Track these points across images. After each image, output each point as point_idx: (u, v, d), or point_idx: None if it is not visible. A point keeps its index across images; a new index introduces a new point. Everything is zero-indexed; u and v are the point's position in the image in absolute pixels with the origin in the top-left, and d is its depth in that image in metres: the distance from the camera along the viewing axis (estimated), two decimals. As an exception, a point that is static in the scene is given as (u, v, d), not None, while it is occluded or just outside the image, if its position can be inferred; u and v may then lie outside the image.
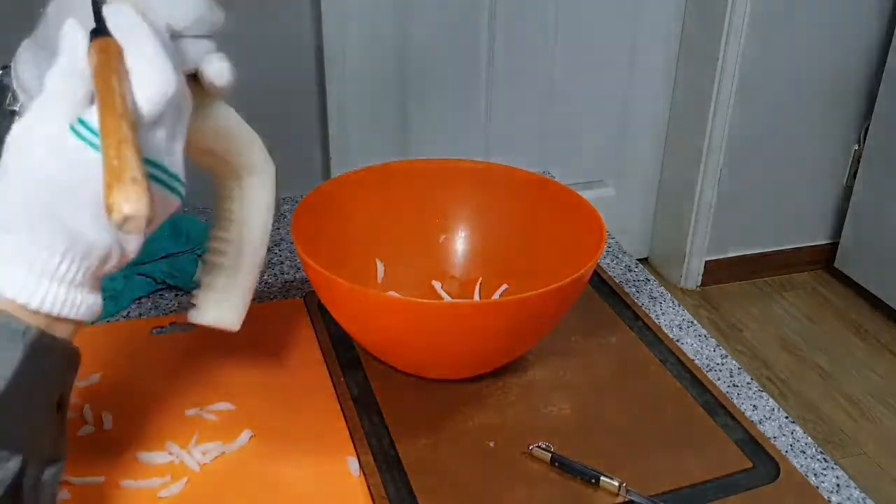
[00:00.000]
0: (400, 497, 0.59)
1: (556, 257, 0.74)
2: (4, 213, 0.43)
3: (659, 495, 0.60)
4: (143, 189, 0.39)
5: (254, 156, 0.61)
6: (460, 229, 0.82)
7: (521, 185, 0.79)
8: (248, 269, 0.61)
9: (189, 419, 0.66)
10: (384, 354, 0.71)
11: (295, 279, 0.87)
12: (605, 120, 2.22)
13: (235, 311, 0.61)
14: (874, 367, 2.10)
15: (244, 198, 0.61)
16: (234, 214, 0.61)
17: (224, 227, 0.61)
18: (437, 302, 0.77)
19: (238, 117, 0.60)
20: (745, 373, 0.76)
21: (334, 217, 0.76)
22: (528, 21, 2.01)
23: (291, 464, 0.62)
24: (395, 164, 0.81)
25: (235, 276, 0.60)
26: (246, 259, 0.61)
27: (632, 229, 2.40)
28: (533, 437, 0.64)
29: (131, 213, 0.38)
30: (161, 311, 0.81)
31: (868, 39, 2.19)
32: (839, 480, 0.64)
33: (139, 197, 0.38)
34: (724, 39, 2.04)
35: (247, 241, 0.61)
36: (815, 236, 2.46)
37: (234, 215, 0.60)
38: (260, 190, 0.61)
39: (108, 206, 0.38)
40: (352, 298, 0.65)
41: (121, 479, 0.60)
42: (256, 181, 0.61)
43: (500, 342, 0.67)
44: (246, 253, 0.61)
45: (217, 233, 0.61)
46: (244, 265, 0.61)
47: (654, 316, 0.83)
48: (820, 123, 2.27)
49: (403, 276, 0.80)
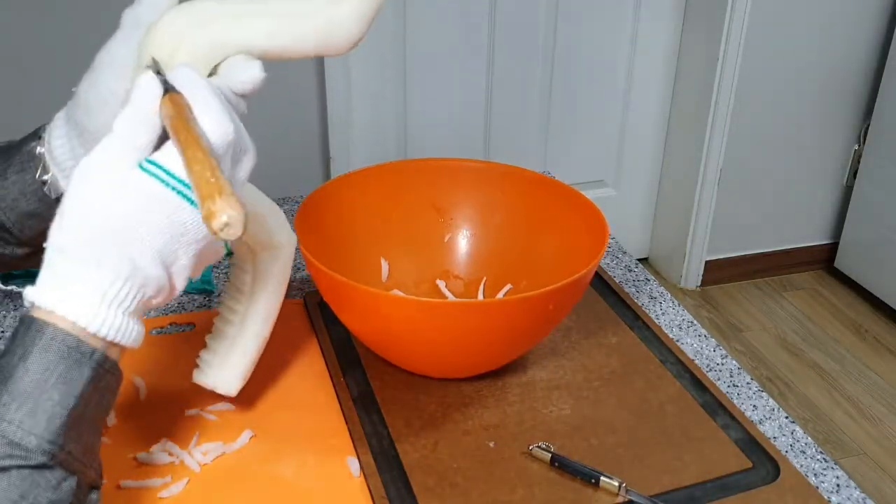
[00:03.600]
0: (400, 497, 0.59)
1: (559, 257, 0.74)
2: (70, 241, 0.45)
3: (659, 495, 0.60)
4: (238, 199, 0.42)
5: (271, 233, 0.62)
6: (465, 229, 0.82)
7: (526, 186, 0.79)
8: (252, 340, 0.64)
9: (189, 419, 0.66)
10: (388, 353, 0.71)
11: (295, 279, 0.87)
12: (605, 120, 2.22)
13: (233, 378, 0.64)
14: (874, 367, 2.10)
15: (257, 272, 0.62)
16: (246, 287, 0.63)
17: (234, 297, 0.63)
18: (441, 301, 0.77)
19: (256, 192, 0.61)
20: (745, 373, 0.76)
21: (338, 216, 0.76)
22: (528, 21, 2.01)
23: (291, 464, 0.62)
24: (400, 163, 0.81)
25: (238, 345, 0.63)
26: (250, 331, 0.63)
27: (632, 229, 2.40)
28: (533, 437, 0.64)
29: (231, 220, 0.41)
30: (161, 311, 0.81)
31: (868, 39, 2.19)
32: (839, 480, 0.64)
33: (238, 204, 0.41)
34: (724, 39, 2.04)
35: (253, 314, 0.63)
36: (815, 236, 2.46)
37: (246, 287, 0.63)
38: (274, 265, 0.62)
39: (210, 215, 0.41)
40: (356, 297, 0.65)
41: (121, 480, 0.60)
42: (271, 257, 0.62)
43: (503, 341, 0.67)
44: (250, 325, 0.63)
45: (227, 301, 0.64)
46: (248, 336, 0.63)
47: (654, 316, 0.83)
48: (820, 123, 2.27)
49: (408, 275, 0.80)
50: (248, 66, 0.51)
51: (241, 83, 0.51)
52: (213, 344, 0.64)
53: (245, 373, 0.64)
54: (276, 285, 0.63)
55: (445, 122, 2.06)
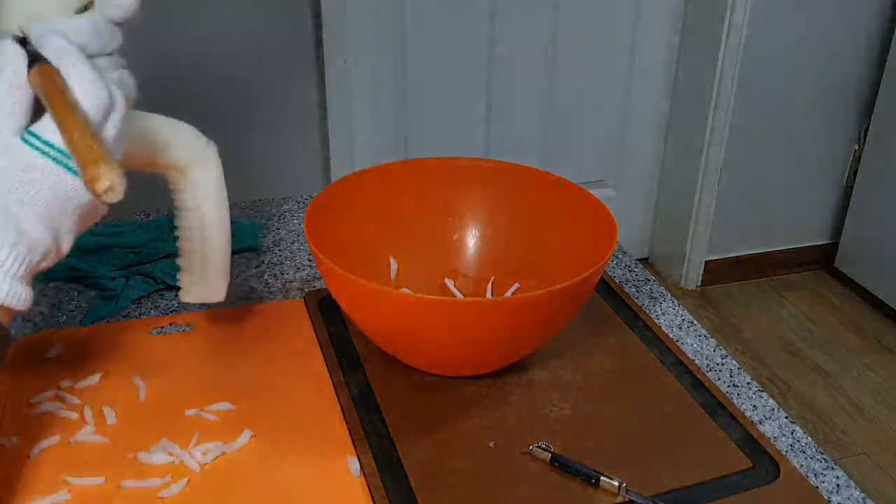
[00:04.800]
0: (400, 497, 0.59)
1: (568, 257, 0.74)
2: None
3: (659, 495, 0.60)
4: (117, 164, 0.45)
5: (188, 150, 0.65)
6: (473, 228, 0.82)
7: (535, 185, 0.80)
8: (216, 245, 0.68)
9: (189, 419, 0.66)
10: (396, 351, 0.71)
11: (295, 279, 0.87)
12: (605, 120, 2.22)
13: (218, 284, 0.69)
14: (874, 367, 2.10)
15: (192, 187, 0.66)
16: (189, 203, 0.66)
17: (184, 217, 0.67)
18: (449, 299, 0.77)
19: (160, 120, 0.63)
20: (745, 373, 0.76)
21: (347, 215, 0.76)
22: (528, 21, 2.01)
23: (291, 464, 0.62)
24: (408, 162, 0.82)
25: (207, 255, 0.68)
26: (211, 238, 0.67)
27: (632, 229, 2.40)
28: (533, 437, 0.64)
29: (114, 184, 0.44)
30: (161, 311, 0.81)
31: (868, 39, 2.19)
32: (839, 480, 0.64)
33: (118, 170, 0.44)
34: (724, 39, 2.04)
35: (207, 224, 0.67)
36: (815, 236, 2.46)
37: (189, 203, 0.66)
38: (204, 175, 0.66)
39: (92, 180, 0.44)
40: (366, 295, 0.65)
41: (121, 480, 0.60)
42: (198, 169, 0.65)
43: (510, 339, 0.67)
44: (209, 234, 0.67)
45: (180, 222, 0.67)
46: (212, 244, 0.67)
47: (654, 316, 0.83)
48: (820, 123, 2.27)
49: (416, 274, 0.80)
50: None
51: (118, 9, 0.52)
52: (185, 264, 0.68)
53: (225, 274, 0.69)
54: (216, 191, 0.66)
55: (445, 122, 2.06)
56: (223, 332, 0.76)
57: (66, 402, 0.67)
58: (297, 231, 0.97)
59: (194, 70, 1.75)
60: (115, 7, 0.53)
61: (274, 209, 1.02)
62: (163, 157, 0.63)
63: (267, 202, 1.03)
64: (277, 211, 1.01)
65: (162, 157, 0.63)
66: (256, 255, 0.91)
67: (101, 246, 0.89)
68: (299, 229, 0.97)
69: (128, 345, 0.74)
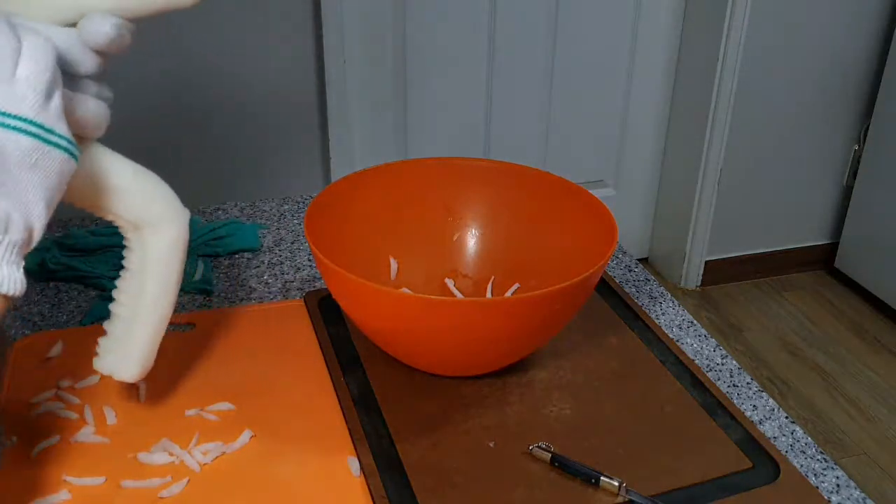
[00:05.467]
0: (400, 497, 0.59)
1: (568, 257, 0.74)
2: None
3: (659, 495, 0.60)
4: None
5: (149, 208, 0.58)
6: (473, 228, 0.82)
7: (535, 185, 0.80)
8: (147, 321, 0.60)
9: (189, 419, 0.66)
10: (396, 351, 0.71)
11: (295, 279, 0.87)
12: (605, 120, 2.22)
13: (131, 363, 0.61)
14: (874, 367, 2.10)
15: (143, 248, 0.59)
16: (133, 265, 0.59)
17: (124, 277, 0.60)
18: (449, 298, 0.77)
19: (136, 170, 0.57)
20: (745, 373, 0.76)
21: (347, 215, 0.76)
22: (528, 21, 2.01)
23: (291, 464, 0.62)
24: (409, 162, 0.82)
25: (132, 328, 0.60)
26: (143, 312, 0.60)
27: (632, 229, 2.40)
28: (533, 437, 0.64)
29: None
30: (161, 312, 0.81)
31: (868, 39, 2.19)
32: (839, 480, 0.64)
33: None
34: (724, 39, 2.04)
35: (145, 294, 0.59)
36: (815, 236, 2.46)
37: (133, 266, 0.59)
38: (158, 241, 0.58)
39: None
40: (366, 295, 0.65)
41: (121, 480, 0.60)
42: (153, 232, 0.58)
43: (510, 339, 0.67)
44: (143, 306, 0.60)
45: (119, 282, 0.60)
46: (142, 318, 0.60)
47: (654, 316, 0.83)
48: (820, 123, 2.27)
49: (417, 274, 0.80)
50: (101, 22, 0.51)
51: (93, 35, 0.51)
52: (110, 327, 0.62)
53: (145, 357, 0.61)
54: (166, 263, 0.59)
55: (445, 122, 2.06)
56: (223, 332, 0.76)
57: (66, 402, 0.67)
58: (297, 231, 0.97)
59: (194, 70, 1.75)
60: (90, 34, 0.51)
61: (274, 209, 1.02)
62: (115, 204, 0.56)
63: (267, 202, 1.03)
64: (277, 211, 1.01)
65: (113, 205, 0.56)
66: (256, 255, 0.91)
67: (101, 246, 0.89)
68: (299, 229, 0.97)
69: (128, 345, 0.74)
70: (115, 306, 0.61)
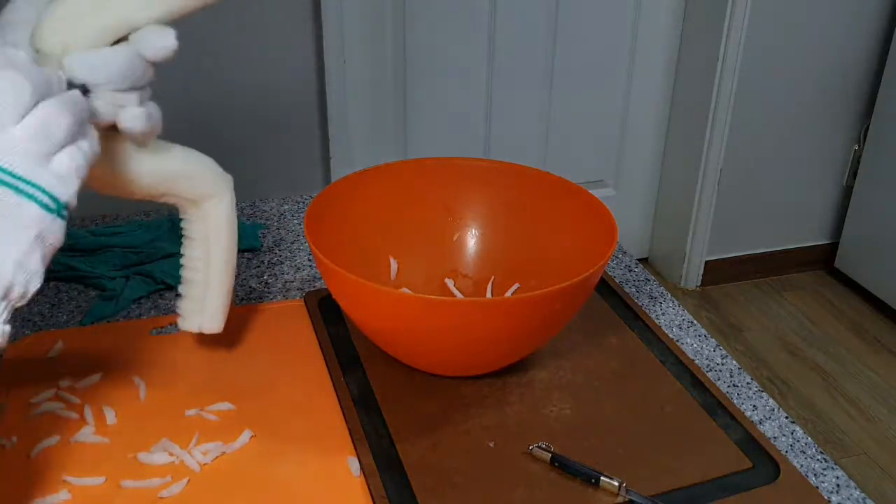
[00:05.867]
0: (400, 497, 0.59)
1: (568, 257, 0.74)
2: None
3: (659, 495, 0.60)
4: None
5: (205, 183, 0.64)
6: (473, 228, 0.82)
7: (535, 185, 0.80)
8: (220, 278, 0.68)
9: (189, 419, 0.66)
10: (396, 351, 0.71)
11: (295, 279, 0.87)
12: (605, 120, 2.22)
13: (216, 316, 0.69)
14: (874, 367, 2.10)
15: (204, 218, 0.66)
16: (198, 234, 0.66)
17: (191, 246, 0.67)
18: (449, 298, 0.77)
19: (183, 152, 0.63)
20: (745, 373, 0.76)
21: (347, 215, 0.76)
22: (528, 21, 2.01)
23: (291, 464, 0.62)
24: (409, 162, 0.82)
25: (210, 287, 0.68)
26: (216, 271, 0.67)
27: (632, 229, 2.40)
28: (533, 437, 0.64)
29: None
30: (161, 311, 0.81)
31: (868, 39, 2.19)
32: (839, 480, 0.64)
33: None
34: (724, 39, 2.04)
35: (214, 257, 0.67)
36: (815, 236, 2.46)
37: (198, 234, 0.66)
38: (217, 209, 0.66)
39: None
40: (366, 295, 0.65)
41: (121, 480, 0.60)
42: (212, 203, 0.65)
43: (510, 339, 0.67)
44: (214, 266, 0.67)
45: (186, 251, 0.67)
46: (216, 276, 0.68)
47: (654, 316, 0.83)
48: (820, 123, 2.27)
49: (417, 273, 0.80)
50: (162, 36, 0.53)
51: (155, 50, 0.53)
52: (188, 292, 0.68)
53: (225, 307, 0.69)
54: (227, 226, 0.66)
55: (445, 122, 2.06)
56: (223, 332, 0.76)
57: (66, 402, 0.67)
58: (297, 231, 0.97)
59: (194, 70, 1.75)
60: (150, 48, 0.53)
61: (274, 209, 1.02)
62: (177, 188, 0.63)
63: (267, 202, 1.03)
64: (277, 211, 1.01)
65: (176, 189, 0.63)
66: (256, 255, 0.91)
67: (101, 246, 0.89)
68: (299, 229, 0.97)
69: (128, 345, 0.74)
70: (188, 272, 0.68)
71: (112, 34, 0.53)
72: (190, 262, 0.68)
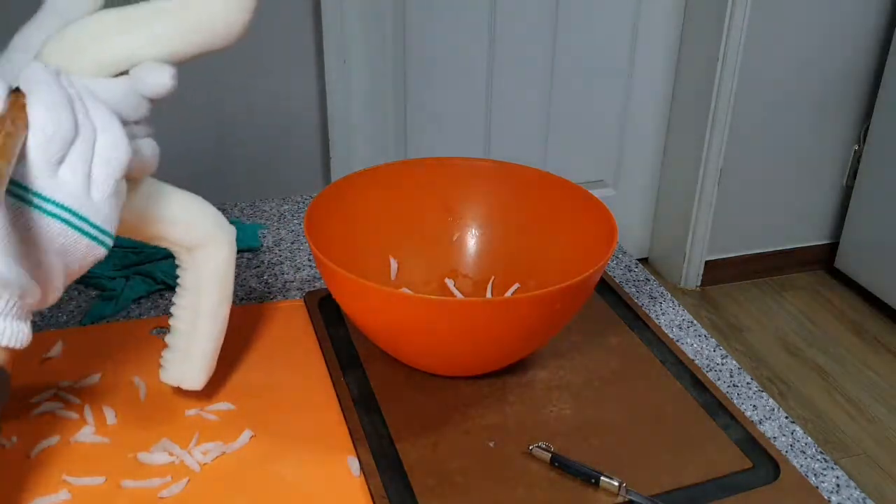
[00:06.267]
0: (400, 497, 0.59)
1: (568, 257, 0.74)
2: None
3: (659, 495, 0.60)
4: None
5: (201, 232, 0.61)
6: (473, 228, 0.82)
7: (535, 185, 0.80)
8: (207, 332, 0.65)
9: (189, 419, 0.66)
10: (396, 351, 0.71)
11: (295, 279, 0.87)
12: (605, 120, 2.22)
13: (196, 372, 0.65)
14: (874, 367, 2.10)
15: (197, 268, 0.63)
16: (189, 283, 0.63)
17: (182, 295, 0.64)
18: (449, 298, 0.77)
19: (184, 198, 0.60)
20: (745, 373, 0.76)
21: (347, 215, 0.76)
22: (528, 21, 2.01)
23: (291, 464, 0.62)
24: (409, 162, 0.82)
25: (194, 340, 0.65)
26: (203, 324, 0.64)
27: (632, 229, 2.40)
28: (533, 437, 0.64)
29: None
30: (161, 311, 0.81)
31: (868, 40, 2.19)
32: (839, 480, 0.64)
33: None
34: (724, 39, 2.04)
35: (202, 309, 0.64)
36: (815, 236, 2.46)
37: (189, 283, 0.63)
38: (212, 260, 0.62)
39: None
40: (366, 295, 0.65)
41: (121, 480, 0.60)
42: (206, 254, 0.62)
43: (510, 339, 0.67)
44: (201, 321, 0.64)
45: (177, 299, 0.64)
46: (203, 330, 0.64)
47: (654, 316, 0.83)
48: (820, 123, 2.27)
49: (417, 273, 0.80)
50: (159, 73, 0.52)
51: (151, 87, 0.52)
52: (172, 342, 0.66)
53: (207, 366, 0.66)
54: (221, 279, 0.63)
55: (445, 122, 2.06)
56: (223, 332, 0.76)
57: (66, 402, 0.67)
58: (297, 231, 0.97)
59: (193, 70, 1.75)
60: (147, 85, 0.52)
61: (274, 209, 1.02)
62: (170, 233, 0.60)
63: (267, 202, 1.03)
64: (277, 211, 1.01)
65: (169, 234, 0.60)
66: (256, 255, 0.91)
67: (101, 246, 0.89)
68: (299, 229, 0.97)
69: (128, 345, 0.74)
70: (175, 321, 0.65)
71: (113, 69, 0.52)
72: (178, 311, 0.64)
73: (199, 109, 1.79)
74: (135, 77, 0.52)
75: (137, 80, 0.52)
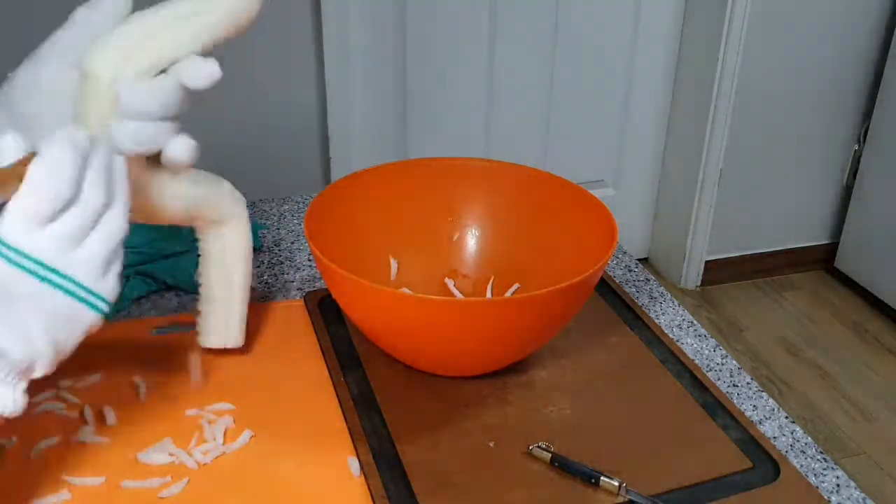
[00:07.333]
0: (400, 497, 0.59)
1: (568, 257, 0.74)
2: None
3: (659, 495, 0.60)
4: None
5: (224, 207, 0.67)
6: (473, 228, 0.82)
7: (535, 185, 0.80)
8: (240, 296, 0.70)
9: (189, 419, 0.66)
10: (396, 351, 0.71)
11: (295, 279, 0.87)
12: (605, 120, 2.22)
13: (237, 332, 0.71)
14: (874, 367, 2.10)
15: (224, 240, 0.68)
16: (215, 255, 0.69)
17: (210, 264, 0.69)
18: (449, 299, 0.77)
19: (205, 176, 0.65)
20: (745, 373, 0.76)
21: (347, 215, 0.76)
22: (528, 21, 2.01)
23: (291, 464, 0.62)
24: (409, 162, 0.82)
25: (231, 305, 0.70)
26: (238, 290, 0.70)
27: (632, 229, 2.40)
28: (533, 437, 0.64)
29: None
30: (161, 311, 0.81)
31: (868, 39, 2.19)
32: (839, 480, 0.64)
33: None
34: (724, 39, 2.04)
35: (233, 279, 0.70)
36: (815, 236, 2.46)
37: (215, 256, 0.69)
38: (236, 231, 0.69)
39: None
40: (366, 295, 0.65)
41: (121, 480, 0.60)
42: (231, 226, 0.68)
43: (510, 339, 0.67)
44: (236, 285, 0.70)
45: (205, 269, 0.69)
46: (236, 295, 0.70)
47: (654, 316, 0.83)
48: (820, 123, 2.27)
49: (416, 273, 0.80)
50: (207, 64, 0.55)
51: (203, 79, 0.55)
52: (207, 308, 0.70)
53: (243, 325, 0.71)
54: (244, 247, 0.69)
55: (445, 122, 2.06)
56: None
57: (66, 402, 0.67)
58: (297, 231, 0.97)
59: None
60: (196, 78, 0.55)
61: (274, 209, 1.02)
62: (203, 211, 0.65)
63: (267, 202, 1.03)
64: (277, 211, 1.01)
65: (202, 212, 0.65)
66: (256, 255, 0.91)
67: (101, 246, 0.89)
68: (299, 229, 0.97)
69: (128, 345, 0.74)
70: (208, 290, 0.70)
71: (160, 65, 0.55)
72: (207, 280, 0.69)
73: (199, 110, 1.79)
74: (183, 72, 0.55)
75: (186, 75, 0.55)
